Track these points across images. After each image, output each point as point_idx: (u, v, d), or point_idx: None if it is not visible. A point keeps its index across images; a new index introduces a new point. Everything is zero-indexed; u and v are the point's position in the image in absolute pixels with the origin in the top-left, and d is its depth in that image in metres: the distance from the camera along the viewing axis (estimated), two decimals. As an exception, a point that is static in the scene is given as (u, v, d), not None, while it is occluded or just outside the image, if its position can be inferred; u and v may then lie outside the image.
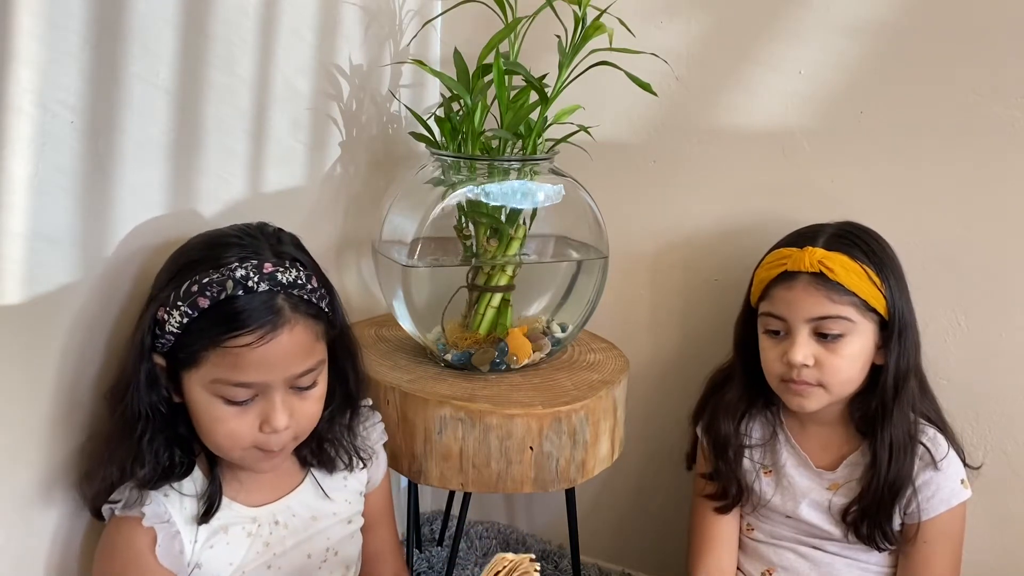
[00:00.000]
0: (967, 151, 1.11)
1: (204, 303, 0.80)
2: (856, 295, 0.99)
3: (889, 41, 1.13)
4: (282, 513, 0.91)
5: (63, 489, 0.88)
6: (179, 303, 0.80)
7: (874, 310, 1.01)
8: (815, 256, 1.00)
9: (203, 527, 0.85)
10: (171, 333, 0.81)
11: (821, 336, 1.01)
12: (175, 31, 0.93)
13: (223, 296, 0.80)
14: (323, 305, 0.87)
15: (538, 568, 0.80)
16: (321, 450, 0.94)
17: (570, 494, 1.26)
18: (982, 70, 1.09)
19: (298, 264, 0.86)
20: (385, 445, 1.03)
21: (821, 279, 0.99)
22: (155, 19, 0.90)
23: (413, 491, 1.25)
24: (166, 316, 0.81)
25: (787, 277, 1.02)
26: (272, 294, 0.82)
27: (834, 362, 1.00)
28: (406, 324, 1.16)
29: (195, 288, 0.80)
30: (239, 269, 0.81)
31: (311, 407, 0.87)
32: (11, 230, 0.79)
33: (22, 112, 0.78)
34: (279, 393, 0.83)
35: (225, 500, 0.88)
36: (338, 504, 0.96)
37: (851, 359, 1.01)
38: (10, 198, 0.78)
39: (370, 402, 1.02)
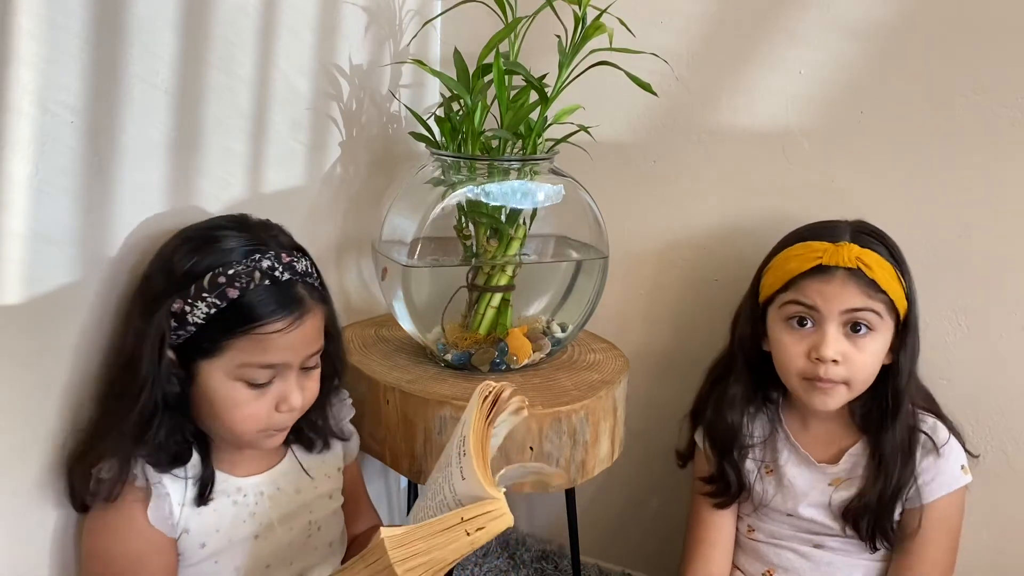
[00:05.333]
0: (967, 151, 1.11)
1: (233, 293, 0.83)
2: (887, 294, 1.00)
3: (889, 41, 1.13)
4: (267, 486, 0.94)
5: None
6: (204, 295, 0.83)
7: (896, 310, 1.02)
8: (852, 252, 1.00)
9: (190, 493, 0.88)
10: (193, 324, 0.84)
11: (852, 330, 1.01)
12: (175, 31, 0.93)
13: (252, 286, 0.84)
14: (326, 292, 0.92)
15: (524, 403, 0.81)
16: (300, 429, 0.97)
17: (570, 494, 1.26)
18: (982, 70, 1.09)
19: (304, 254, 0.91)
20: (353, 420, 1.06)
21: (858, 275, 1.00)
22: (155, 19, 0.90)
23: (413, 491, 1.25)
24: (188, 308, 0.83)
25: (823, 271, 1.02)
26: (293, 283, 0.87)
27: (861, 359, 1.01)
28: (406, 324, 1.16)
29: (222, 280, 0.83)
30: (264, 260, 0.85)
31: (315, 385, 0.92)
32: (11, 230, 0.79)
33: (22, 112, 0.78)
34: (294, 374, 0.88)
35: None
36: (319, 480, 0.99)
37: (875, 356, 1.02)
38: (10, 198, 0.78)
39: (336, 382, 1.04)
